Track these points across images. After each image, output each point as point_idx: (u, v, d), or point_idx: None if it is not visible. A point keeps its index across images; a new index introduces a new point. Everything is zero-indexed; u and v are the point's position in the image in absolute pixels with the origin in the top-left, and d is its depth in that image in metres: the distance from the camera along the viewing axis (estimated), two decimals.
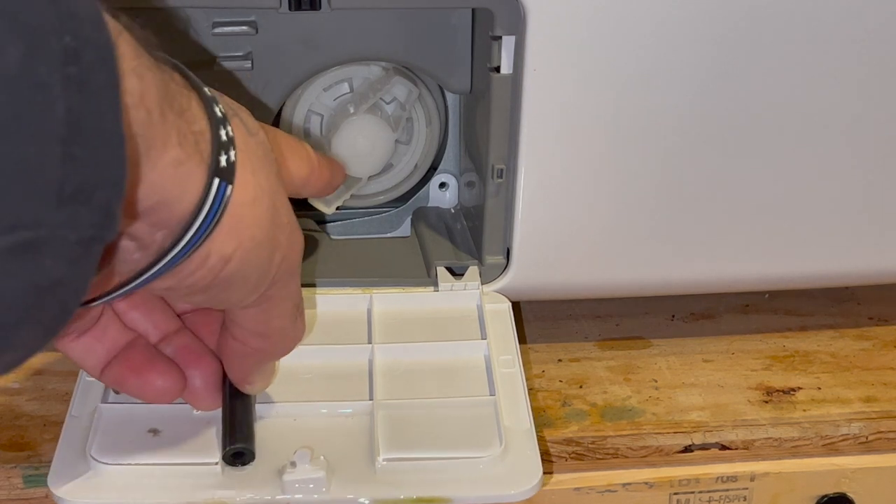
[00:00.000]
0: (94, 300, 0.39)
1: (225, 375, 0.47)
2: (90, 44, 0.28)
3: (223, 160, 0.36)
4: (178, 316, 0.48)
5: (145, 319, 0.46)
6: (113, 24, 0.31)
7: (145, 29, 0.34)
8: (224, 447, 0.45)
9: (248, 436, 0.46)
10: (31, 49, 0.26)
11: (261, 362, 0.46)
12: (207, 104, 0.37)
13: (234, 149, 0.37)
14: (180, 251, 0.36)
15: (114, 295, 0.38)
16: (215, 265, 0.37)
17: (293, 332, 0.45)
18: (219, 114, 0.37)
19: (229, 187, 0.36)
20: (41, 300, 0.28)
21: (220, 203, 0.36)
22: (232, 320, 0.44)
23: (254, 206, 0.38)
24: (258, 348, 0.44)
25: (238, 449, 0.45)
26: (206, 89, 0.37)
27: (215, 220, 0.36)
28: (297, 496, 0.44)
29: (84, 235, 0.28)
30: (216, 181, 0.35)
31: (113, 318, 0.46)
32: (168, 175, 0.34)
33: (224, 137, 0.36)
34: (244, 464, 0.45)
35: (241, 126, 0.39)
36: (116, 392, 0.48)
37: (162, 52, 0.35)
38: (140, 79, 0.32)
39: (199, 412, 0.48)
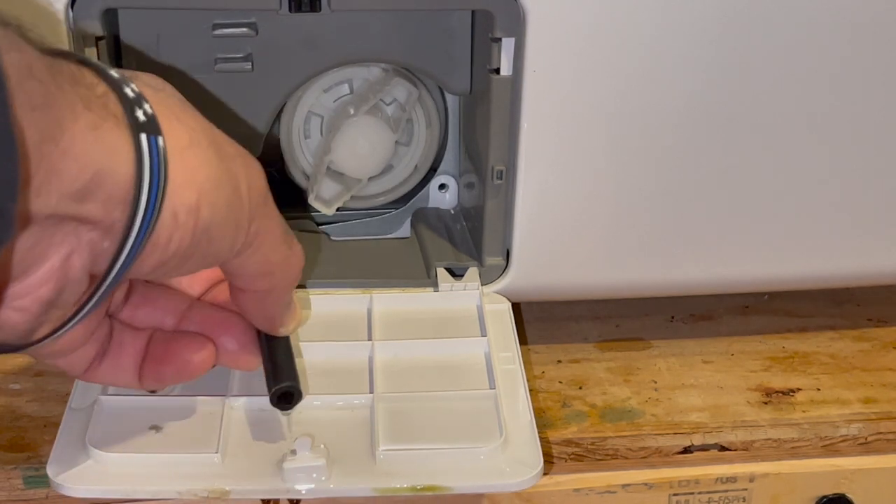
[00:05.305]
0: (85, 306, 0.38)
1: (258, 330, 0.46)
2: None
3: (140, 115, 0.35)
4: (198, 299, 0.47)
5: (154, 311, 0.46)
6: None
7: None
8: (269, 389, 0.44)
9: (293, 375, 0.45)
10: None
11: (277, 300, 0.45)
12: (100, 70, 0.35)
13: (146, 102, 0.35)
14: (144, 217, 0.34)
15: (101, 292, 0.37)
16: (187, 220, 0.36)
17: (293, 257, 0.43)
18: (115, 75, 0.35)
19: (160, 138, 0.35)
20: None
21: (158, 155, 0.34)
22: (232, 274, 0.42)
23: (194, 148, 0.37)
24: (268, 288, 0.43)
25: (285, 388, 0.44)
26: (94, 61, 0.36)
27: (162, 173, 0.35)
28: (297, 485, 0.44)
29: None
30: (143, 136, 0.34)
31: (123, 330, 0.45)
32: (89, 142, 0.32)
33: (131, 94, 0.35)
34: (292, 405, 0.45)
35: (145, 85, 0.37)
36: (151, 392, 0.48)
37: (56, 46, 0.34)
38: (20, 51, 0.30)
39: (201, 408, 0.48)
